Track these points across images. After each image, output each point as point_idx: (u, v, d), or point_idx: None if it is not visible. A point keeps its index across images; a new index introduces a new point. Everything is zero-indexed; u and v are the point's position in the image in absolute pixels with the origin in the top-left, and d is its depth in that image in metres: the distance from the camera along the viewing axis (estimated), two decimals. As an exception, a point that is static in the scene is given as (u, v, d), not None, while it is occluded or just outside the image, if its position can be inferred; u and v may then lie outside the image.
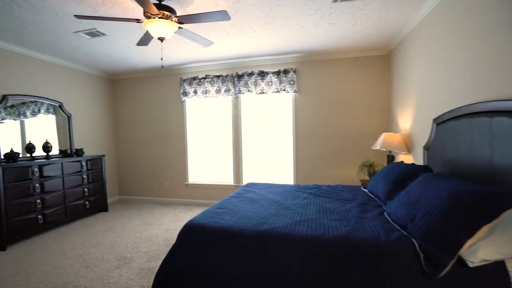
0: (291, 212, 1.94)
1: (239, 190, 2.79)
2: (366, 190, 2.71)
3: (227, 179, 4.60)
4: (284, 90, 4.16)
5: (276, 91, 4.19)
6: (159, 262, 2.54)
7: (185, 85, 4.59)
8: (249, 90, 4.29)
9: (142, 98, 4.97)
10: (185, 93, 4.60)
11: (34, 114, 3.71)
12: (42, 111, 3.81)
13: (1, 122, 3.34)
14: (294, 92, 4.14)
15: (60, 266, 2.53)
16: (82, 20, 2.76)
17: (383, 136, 3.20)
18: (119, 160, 5.20)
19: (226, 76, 4.37)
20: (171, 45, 3.53)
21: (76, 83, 4.36)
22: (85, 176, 3.97)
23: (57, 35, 3.10)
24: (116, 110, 5.17)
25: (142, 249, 2.87)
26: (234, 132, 4.49)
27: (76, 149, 4.06)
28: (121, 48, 3.59)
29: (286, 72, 4.13)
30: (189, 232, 1.71)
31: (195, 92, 4.53)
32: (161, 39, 2.36)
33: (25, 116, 3.60)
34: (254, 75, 4.24)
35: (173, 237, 3.16)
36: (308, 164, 4.23)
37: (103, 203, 4.31)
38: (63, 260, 2.65)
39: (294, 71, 4.12)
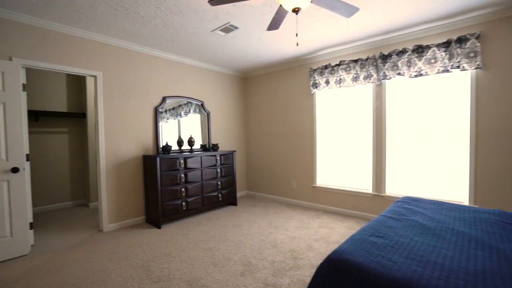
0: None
1: (395, 207, 1.98)
2: None
3: (364, 185, 3.75)
4: (458, 67, 2.89)
5: (443, 70, 2.98)
6: (286, 280, 2.14)
7: (315, 76, 4.09)
8: (399, 73, 3.28)
9: (270, 94, 4.87)
10: (315, 85, 4.09)
11: (186, 114, 4.23)
12: (191, 111, 4.30)
13: (166, 122, 3.96)
14: (476, 68, 2.80)
15: (194, 256, 2.58)
16: (218, 16, 2.75)
17: None
18: (248, 156, 5.35)
19: (367, 59, 3.53)
20: (302, 26, 3.10)
21: (214, 83, 4.73)
22: (219, 170, 4.21)
23: (199, 36, 3.30)
24: (246, 108, 5.34)
25: (267, 256, 2.57)
26: (375, 128, 3.59)
27: (212, 144, 4.38)
28: (252, 41, 3.49)
29: (461, 40, 2.85)
30: (336, 272, 1.14)
31: (327, 82, 3.94)
32: (295, 10, 1.92)
33: (181, 116, 4.14)
34: (407, 53, 3.19)
35: (300, 250, 2.72)
36: (497, 179, 2.78)
37: (233, 196, 4.46)
38: (196, 250, 2.73)
39: (477, 37, 2.78)
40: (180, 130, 4.16)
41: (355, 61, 3.63)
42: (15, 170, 2.63)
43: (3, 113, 2.60)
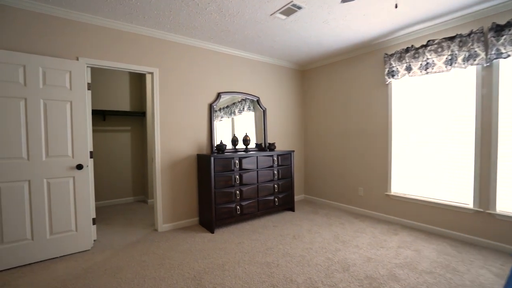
0: None
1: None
2: None
3: (460, 197, 2.94)
4: None
5: None
6: (368, 322, 1.64)
7: (391, 62, 3.39)
8: (523, 49, 2.41)
9: (332, 87, 4.30)
10: (392, 73, 3.39)
11: (240, 111, 3.97)
12: (245, 108, 4.02)
13: (220, 120, 3.76)
14: None
15: (250, 272, 2.25)
16: (280, -8, 2.36)
17: None
18: (306, 157, 4.86)
19: (469, 34, 2.72)
20: (381, 1, 2.50)
21: (270, 77, 4.37)
22: (275, 172, 3.83)
23: (256, 23, 2.97)
24: (304, 103, 4.86)
25: (338, 283, 2.08)
26: (480, 124, 2.75)
27: (269, 143, 4.03)
28: (316, 24, 3.01)
29: None
30: None
31: (409, 68, 3.21)
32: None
33: (234, 114, 3.90)
34: (537, 20, 2.32)
35: (380, 278, 2.15)
36: None
37: (290, 201, 4.04)
38: (252, 264, 2.39)
39: None
40: (234, 129, 3.91)
41: (451, 38, 2.84)
42: (79, 167, 2.68)
43: (70, 111, 2.66)
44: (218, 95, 3.73)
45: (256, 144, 4.16)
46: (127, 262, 2.48)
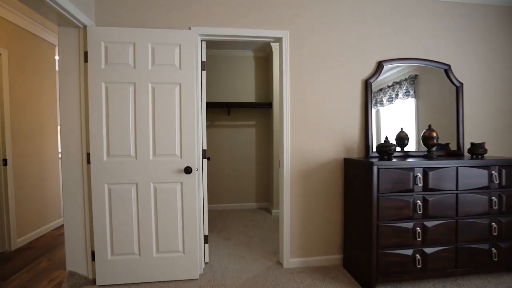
0: None
1: None
2: None
3: None
4: None
5: None
6: None
7: None
8: None
9: None
10: None
11: (390, 100, 2.39)
12: (401, 94, 2.37)
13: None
14: None
15: None
16: None
17: None
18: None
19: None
20: None
21: (469, 30, 2.47)
22: (493, 198, 2.02)
23: None
24: (540, 72, 2.61)
25: None
26: None
27: (471, 144, 2.22)
28: None
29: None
30: None
31: None
32: None
33: (381, 104, 2.37)
34: None
35: None
36: None
37: (520, 256, 2.09)
38: None
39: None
40: (380, 125, 2.36)
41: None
42: (188, 170, 2.01)
43: (179, 97, 2.03)
44: (379, 66, 2.32)
45: (440, 145, 2.43)
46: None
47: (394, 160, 2.00)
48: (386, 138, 2.05)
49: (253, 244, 2.76)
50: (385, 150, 1.99)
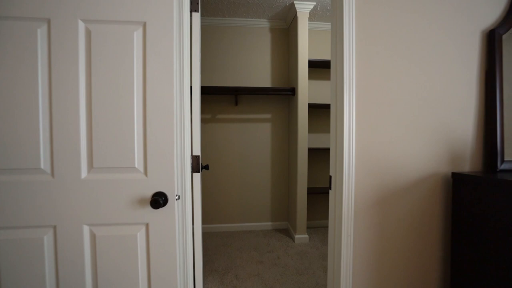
0: None
1: None
2: None
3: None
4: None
5: None
6: None
7: None
8: None
9: None
10: None
11: None
12: None
13: None
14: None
15: None
16: None
17: None
18: None
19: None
20: None
21: None
22: None
23: None
24: None
25: None
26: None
27: None
28: None
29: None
30: None
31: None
32: None
33: None
34: None
35: None
36: None
37: None
38: None
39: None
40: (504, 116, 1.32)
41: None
42: (157, 201, 0.99)
43: (143, 52, 1.01)
44: (513, 4, 1.27)
45: None
46: None
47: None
48: None
49: (276, 304, 1.74)
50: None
